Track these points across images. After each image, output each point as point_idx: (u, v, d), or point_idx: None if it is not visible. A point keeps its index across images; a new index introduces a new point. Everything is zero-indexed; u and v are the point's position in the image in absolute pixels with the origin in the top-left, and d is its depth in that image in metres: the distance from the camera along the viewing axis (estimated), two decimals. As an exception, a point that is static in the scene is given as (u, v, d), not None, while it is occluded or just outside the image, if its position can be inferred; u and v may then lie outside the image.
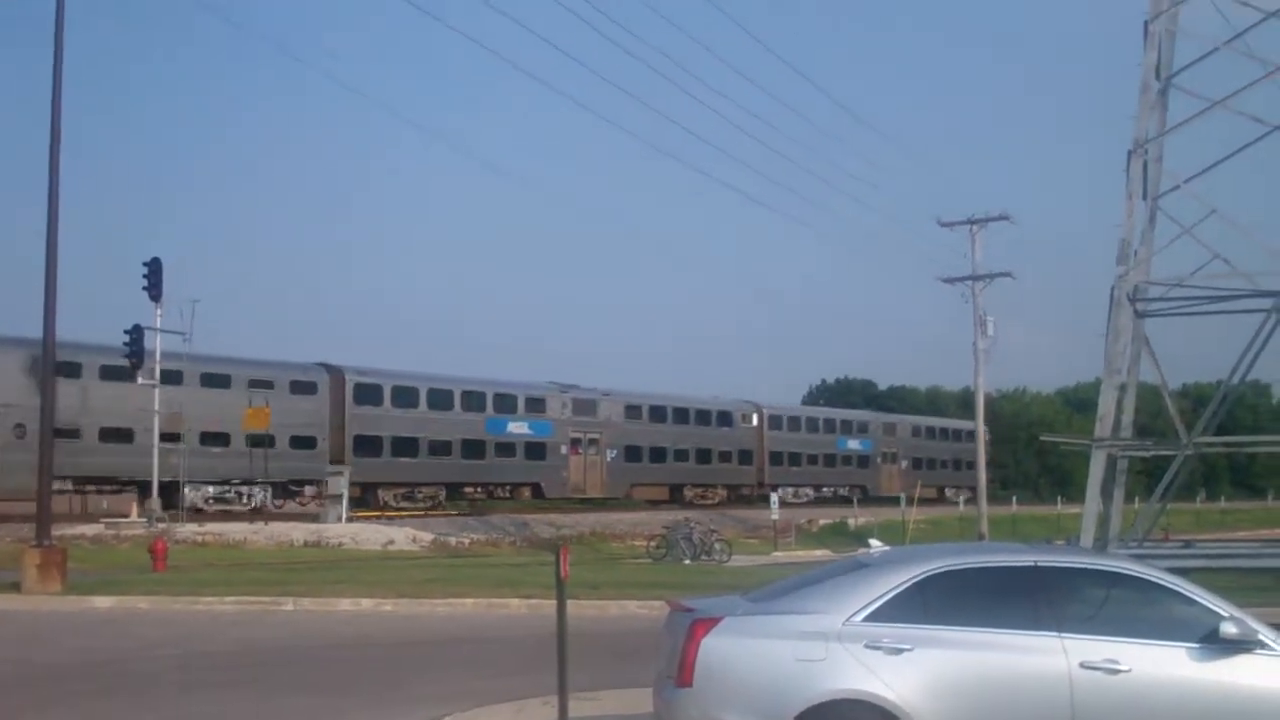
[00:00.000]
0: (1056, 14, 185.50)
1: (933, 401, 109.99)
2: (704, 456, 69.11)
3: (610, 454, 63.75)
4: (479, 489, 59.76)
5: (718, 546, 41.42)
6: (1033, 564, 8.64)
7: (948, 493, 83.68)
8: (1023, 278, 60.73)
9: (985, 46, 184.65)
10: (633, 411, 65.65)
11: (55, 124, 24.94)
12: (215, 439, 46.97)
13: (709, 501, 68.32)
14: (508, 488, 60.66)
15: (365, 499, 52.24)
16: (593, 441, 62.99)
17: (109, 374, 43.71)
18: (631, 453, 64.96)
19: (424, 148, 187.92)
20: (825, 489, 78.08)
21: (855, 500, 68.40)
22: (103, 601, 23.41)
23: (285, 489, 50.74)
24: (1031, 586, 8.46)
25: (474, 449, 56.76)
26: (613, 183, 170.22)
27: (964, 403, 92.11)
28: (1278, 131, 30.00)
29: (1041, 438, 48.94)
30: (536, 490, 60.22)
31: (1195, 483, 72.22)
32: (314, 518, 46.44)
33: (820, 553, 44.10)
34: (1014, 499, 78.17)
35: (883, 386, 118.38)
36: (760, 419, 73.54)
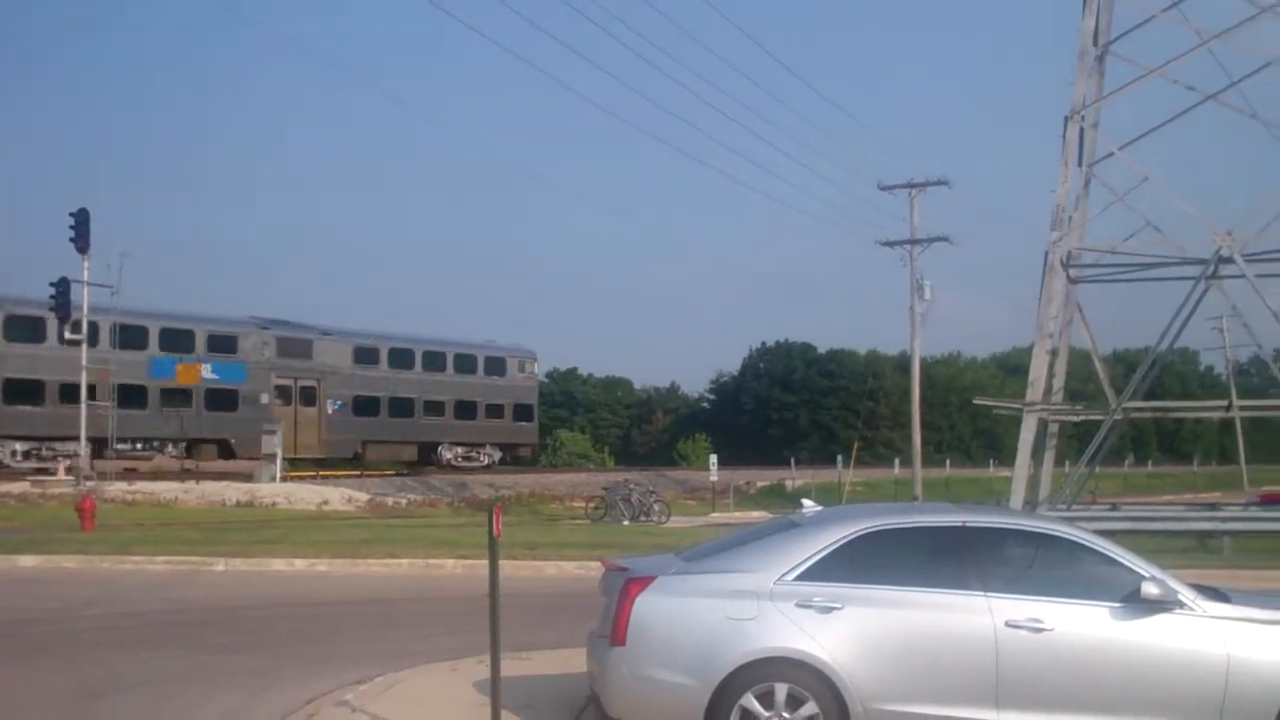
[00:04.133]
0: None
1: (870, 364, 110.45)
2: None
3: None
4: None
5: (656, 508, 41.63)
6: (961, 524, 8.75)
7: (447, 454, 60.82)
8: (961, 243, 61.04)
9: (930, 12, 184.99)
10: None
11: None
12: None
13: None
14: None
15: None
16: None
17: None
18: None
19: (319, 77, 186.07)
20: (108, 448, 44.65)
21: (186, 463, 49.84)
22: (28, 560, 23.16)
23: None
24: (960, 546, 8.57)
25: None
26: (556, 143, 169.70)
27: (901, 366, 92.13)
28: (1211, 101, 30.33)
29: (974, 401, 49.31)
30: None
31: (1124, 447, 73.27)
32: (247, 477, 46.17)
33: (757, 514, 44.31)
34: (947, 462, 78.84)
35: (822, 350, 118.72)
36: None
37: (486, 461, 61.55)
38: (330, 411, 54.19)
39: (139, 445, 48.58)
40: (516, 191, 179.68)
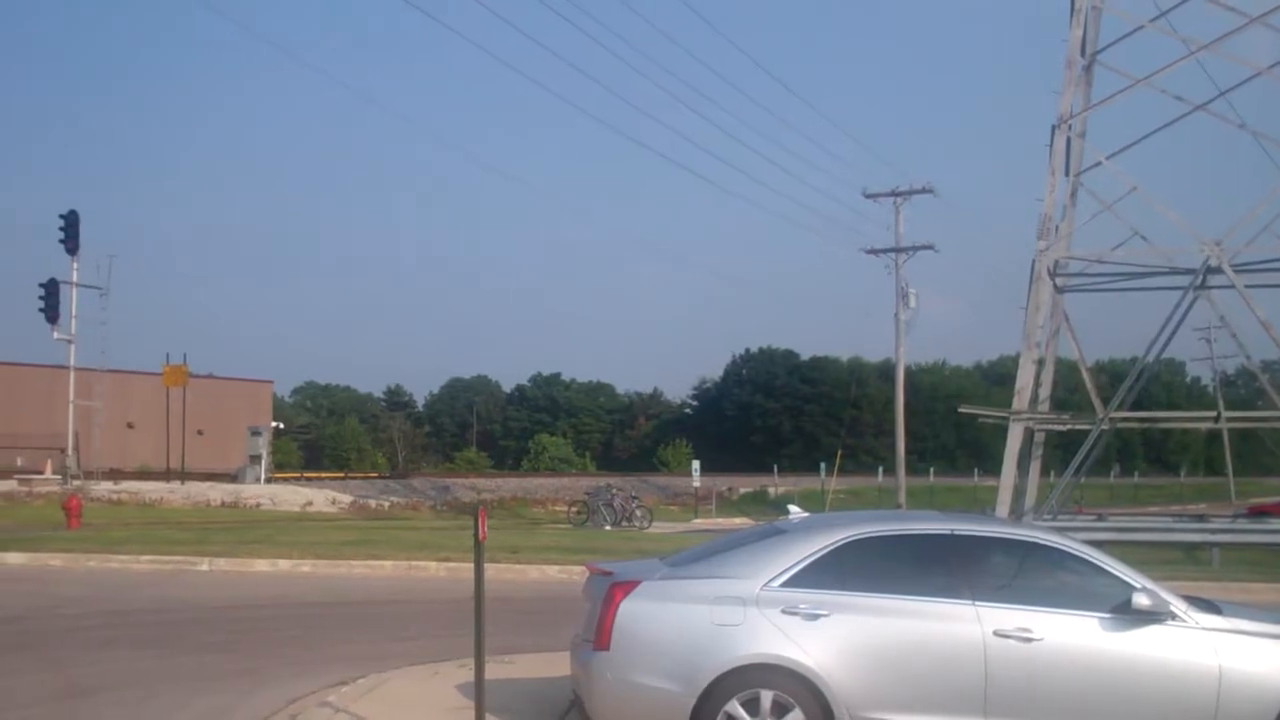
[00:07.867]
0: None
1: (854, 372, 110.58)
2: None
3: None
4: None
5: (639, 513, 41.63)
6: (949, 532, 8.68)
7: None
8: (946, 251, 61.16)
9: (917, 21, 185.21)
10: None
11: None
12: None
13: None
14: None
15: None
16: None
17: None
18: None
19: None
20: None
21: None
22: (14, 558, 23.10)
23: None
24: (947, 555, 8.51)
25: None
26: (535, 149, 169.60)
27: (885, 374, 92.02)
28: (1200, 111, 30.38)
29: (960, 410, 49.27)
30: None
31: (1110, 457, 73.36)
32: (232, 477, 46.10)
33: (740, 520, 44.33)
34: (931, 470, 78.71)
35: (805, 357, 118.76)
36: None
37: None
38: None
39: None
40: (498, 198, 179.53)
